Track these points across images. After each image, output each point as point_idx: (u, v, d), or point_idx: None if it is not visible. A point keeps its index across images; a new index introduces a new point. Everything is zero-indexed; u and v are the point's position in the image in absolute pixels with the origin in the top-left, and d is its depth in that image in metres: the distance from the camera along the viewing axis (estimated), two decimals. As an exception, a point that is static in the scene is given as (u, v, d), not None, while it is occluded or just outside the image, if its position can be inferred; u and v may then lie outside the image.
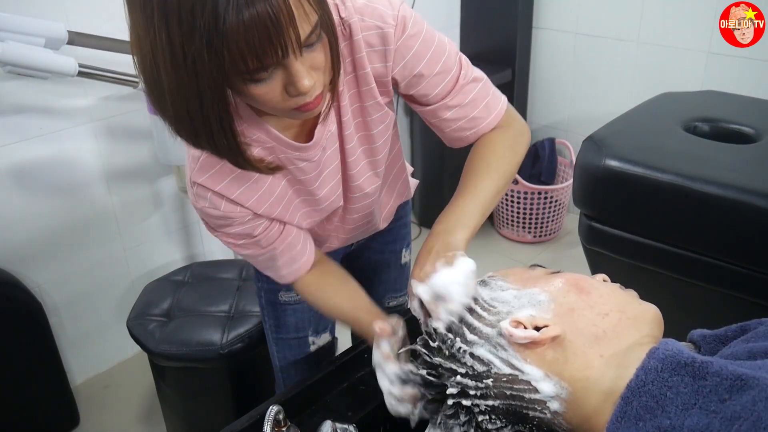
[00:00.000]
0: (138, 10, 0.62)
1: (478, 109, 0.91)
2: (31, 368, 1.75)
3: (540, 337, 0.65)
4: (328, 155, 0.91)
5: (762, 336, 0.62)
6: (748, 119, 1.64)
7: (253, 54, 0.61)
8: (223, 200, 0.84)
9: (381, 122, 0.92)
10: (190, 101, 0.65)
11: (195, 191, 0.84)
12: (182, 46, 0.60)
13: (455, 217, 0.85)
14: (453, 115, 0.91)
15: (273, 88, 0.67)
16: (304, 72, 0.67)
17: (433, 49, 0.86)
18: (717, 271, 1.40)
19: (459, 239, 0.82)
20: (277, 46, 0.62)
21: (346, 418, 0.91)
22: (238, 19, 0.58)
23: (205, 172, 0.82)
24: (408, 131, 2.81)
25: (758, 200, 1.28)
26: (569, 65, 2.66)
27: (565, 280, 0.71)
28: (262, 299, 1.17)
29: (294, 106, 0.71)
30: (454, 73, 0.89)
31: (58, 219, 1.85)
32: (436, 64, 0.87)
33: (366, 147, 0.94)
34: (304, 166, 0.88)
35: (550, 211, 2.66)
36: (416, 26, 0.84)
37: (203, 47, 0.60)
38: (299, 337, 1.17)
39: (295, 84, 0.67)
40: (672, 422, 0.55)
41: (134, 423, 1.94)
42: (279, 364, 1.20)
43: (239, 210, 0.86)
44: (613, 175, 1.47)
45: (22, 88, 1.67)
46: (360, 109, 0.89)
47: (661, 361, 0.59)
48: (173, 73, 0.63)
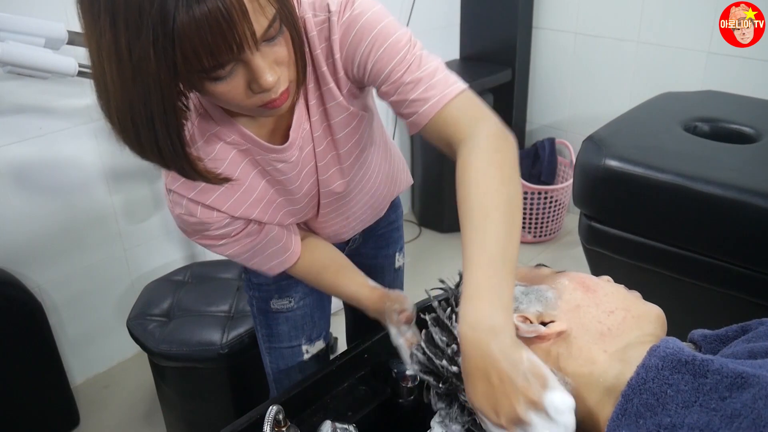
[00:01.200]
0: (86, 11, 0.61)
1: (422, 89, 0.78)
2: (31, 368, 1.75)
3: (546, 331, 0.66)
4: (305, 155, 0.89)
5: (763, 336, 0.62)
6: (748, 119, 1.64)
7: (207, 51, 0.59)
8: (198, 206, 0.83)
9: (347, 125, 0.88)
10: (135, 106, 0.63)
11: (171, 198, 0.83)
12: (128, 46, 0.58)
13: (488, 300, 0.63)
14: (401, 95, 0.79)
15: (235, 85, 0.66)
16: (266, 67, 0.65)
17: (377, 31, 0.77)
18: (717, 271, 1.40)
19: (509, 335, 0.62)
20: (231, 42, 0.60)
21: (346, 418, 0.91)
22: (189, 16, 0.57)
23: (179, 178, 0.79)
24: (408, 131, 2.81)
25: (758, 200, 1.28)
26: (569, 65, 2.66)
27: (571, 278, 0.73)
28: (253, 308, 1.15)
29: (260, 103, 0.69)
30: (401, 56, 0.78)
31: (58, 219, 1.85)
32: (379, 47, 0.77)
33: (333, 153, 0.92)
34: (282, 167, 0.87)
35: (550, 211, 2.66)
36: (359, 7, 0.78)
37: (149, 46, 0.58)
38: (292, 346, 1.15)
39: (257, 80, 0.65)
40: (672, 420, 0.55)
41: (134, 423, 1.94)
42: (272, 374, 1.18)
43: (215, 215, 0.85)
44: (613, 175, 1.47)
45: (22, 88, 1.67)
46: (324, 112, 0.86)
47: (661, 359, 0.59)
48: (118, 76, 0.61)
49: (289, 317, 1.12)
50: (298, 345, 1.15)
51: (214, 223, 0.86)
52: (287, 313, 1.12)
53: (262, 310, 1.13)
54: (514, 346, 0.61)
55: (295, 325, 1.13)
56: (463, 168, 0.73)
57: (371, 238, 1.18)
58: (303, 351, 1.15)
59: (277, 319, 1.12)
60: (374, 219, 1.14)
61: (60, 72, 1.49)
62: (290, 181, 0.90)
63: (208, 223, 0.85)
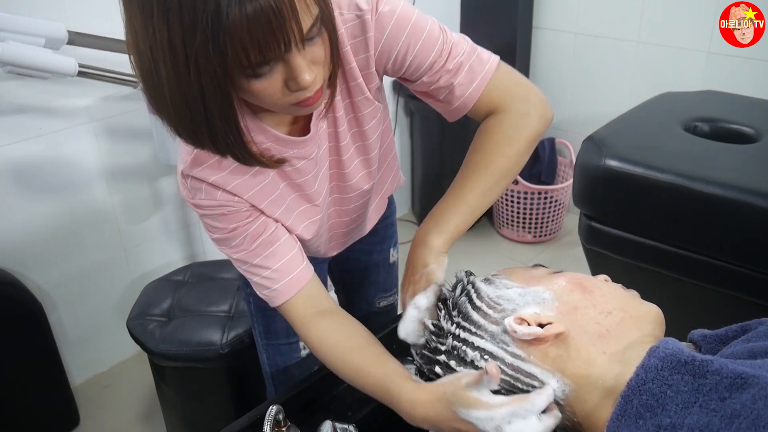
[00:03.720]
0: (136, 8, 0.62)
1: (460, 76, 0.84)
2: (30, 368, 1.75)
3: (544, 334, 0.66)
4: (323, 152, 0.90)
5: (762, 335, 0.62)
6: (748, 119, 1.64)
7: (256, 48, 0.61)
8: (219, 191, 0.82)
9: (372, 117, 0.91)
10: (191, 99, 0.64)
11: (189, 184, 0.82)
12: (183, 43, 0.60)
13: (434, 222, 0.85)
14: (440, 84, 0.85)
15: (273, 83, 0.67)
16: (306, 66, 0.66)
17: (411, 26, 0.81)
18: (717, 271, 1.40)
19: (436, 244, 0.83)
20: (280, 39, 0.61)
21: (346, 418, 0.91)
22: (241, 13, 0.58)
23: (199, 164, 0.80)
24: (408, 131, 2.81)
25: (758, 200, 1.28)
26: (569, 65, 2.66)
27: (568, 279, 0.72)
28: (251, 305, 1.14)
29: (294, 102, 0.70)
30: (440, 45, 0.82)
31: (58, 219, 1.85)
32: (416, 42, 0.81)
33: (359, 144, 0.93)
34: (302, 165, 0.87)
35: (550, 211, 2.66)
36: (389, 4, 0.81)
37: (206, 43, 0.59)
38: (290, 342, 1.14)
39: (296, 78, 0.66)
40: (672, 420, 0.55)
41: (134, 423, 1.94)
42: (270, 370, 1.18)
43: (236, 200, 0.84)
44: (613, 175, 1.47)
45: (22, 88, 1.67)
46: (351, 105, 0.88)
47: (661, 359, 0.59)
48: (173, 71, 0.62)
49: None
50: (296, 341, 1.14)
51: (234, 208, 0.84)
52: None
53: (259, 307, 1.12)
54: (431, 255, 0.82)
55: None
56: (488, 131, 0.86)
57: (366, 235, 1.18)
58: (300, 347, 1.15)
59: (274, 316, 1.11)
60: (373, 223, 1.15)
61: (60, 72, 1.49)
62: (308, 183, 0.89)
63: (229, 207, 0.84)
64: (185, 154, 0.81)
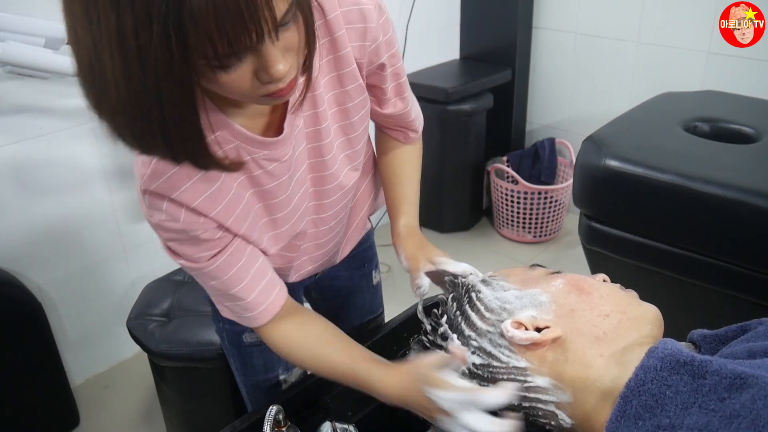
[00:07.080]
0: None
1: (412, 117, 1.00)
2: (30, 368, 1.75)
3: (541, 338, 0.65)
4: (299, 155, 0.81)
5: (762, 335, 0.62)
6: (748, 119, 1.64)
7: (224, 39, 0.53)
8: (182, 209, 0.72)
9: (362, 107, 0.86)
10: (143, 97, 0.55)
11: (148, 202, 0.71)
12: (135, 33, 0.51)
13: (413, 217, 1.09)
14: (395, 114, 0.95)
15: (242, 74, 0.58)
16: (279, 56, 0.59)
17: (395, 42, 0.86)
18: (717, 271, 1.40)
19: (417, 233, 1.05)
20: (252, 29, 0.53)
21: (346, 418, 0.91)
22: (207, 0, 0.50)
23: (158, 176, 0.69)
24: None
25: (758, 200, 1.28)
26: (569, 65, 2.66)
27: (565, 280, 0.72)
28: (224, 340, 1.06)
29: (265, 93, 0.62)
30: (401, 72, 0.91)
31: (58, 219, 1.85)
32: (395, 57, 0.87)
33: (344, 139, 0.87)
34: (273, 168, 0.78)
35: (550, 211, 2.66)
36: (386, 13, 0.82)
37: (163, 33, 0.51)
38: (269, 378, 1.06)
39: (268, 69, 0.59)
40: (671, 421, 0.55)
41: (134, 423, 1.94)
42: (251, 406, 1.11)
43: (202, 221, 0.74)
44: (613, 175, 1.48)
45: (22, 88, 1.67)
46: (341, 95, 0.82)
47: (660, 360, 0.59)
48: (122, 65, 0.53)
49: (264, 349, 0.99)
50: (275, 376, 1.07)
51: (199, 231, 0.74)
52: (262, 345, 0.98)
53: (234, 343, 1.04)
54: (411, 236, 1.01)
55: (270, 357, 1.04)
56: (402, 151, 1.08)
57: (344, 261, 1.11)
58: (281, 381, 1.08)
59: (251, 353, 1.04)
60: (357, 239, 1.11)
61: (60, 72, 1.49)
62: (281, 188, 0.81)
63: (193, 231, 0.74)
64: (142, 167, 0.70)
